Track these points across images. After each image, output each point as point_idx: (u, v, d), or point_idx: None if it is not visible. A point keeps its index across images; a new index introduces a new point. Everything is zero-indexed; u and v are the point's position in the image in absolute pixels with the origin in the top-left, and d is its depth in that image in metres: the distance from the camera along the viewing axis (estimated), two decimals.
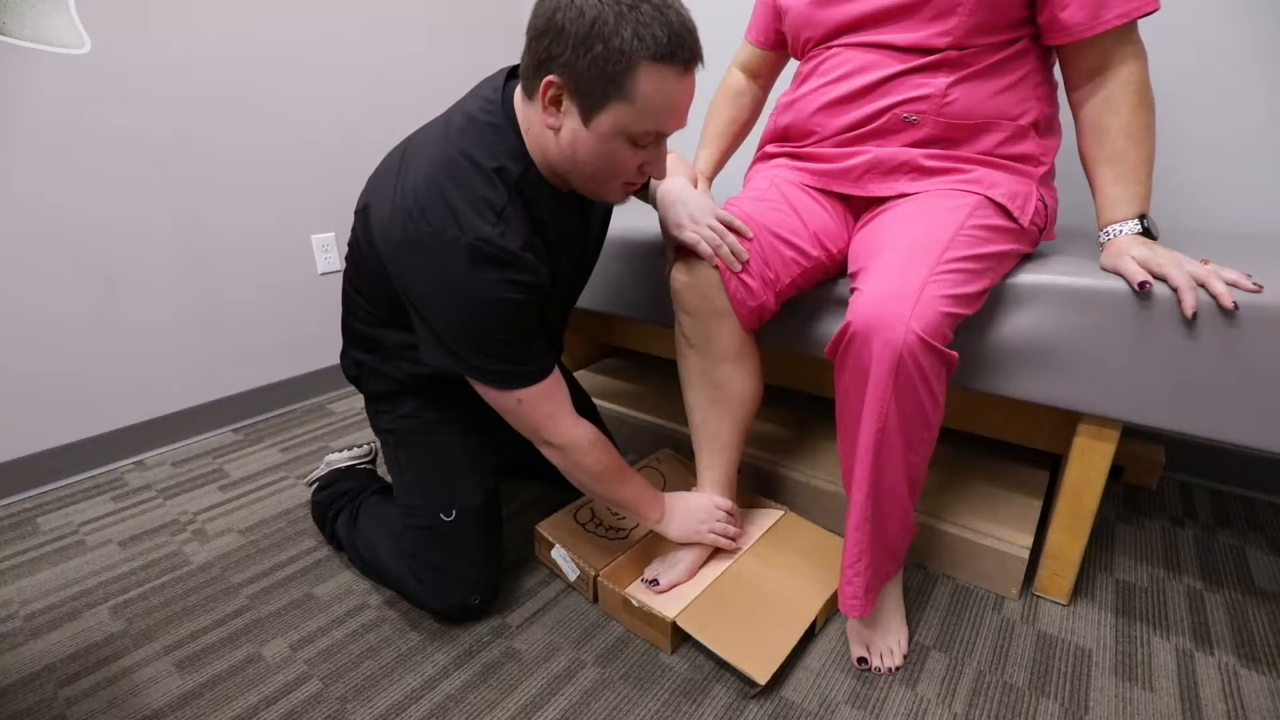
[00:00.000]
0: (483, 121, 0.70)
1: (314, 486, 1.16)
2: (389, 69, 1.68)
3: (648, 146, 0.68)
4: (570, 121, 0.65)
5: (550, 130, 0.67)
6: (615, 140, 0.66)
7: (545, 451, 0.82)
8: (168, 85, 1.31)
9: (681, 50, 0.62)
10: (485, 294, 0.68)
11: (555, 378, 0.78)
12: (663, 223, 0.85)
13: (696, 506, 0.92)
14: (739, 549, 0.92)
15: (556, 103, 0.65)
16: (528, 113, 0.69)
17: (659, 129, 0.66)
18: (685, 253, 0.83)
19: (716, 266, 0.81)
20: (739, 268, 0.80)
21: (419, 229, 0.67)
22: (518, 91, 0.70)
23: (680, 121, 0.67)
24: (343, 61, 1.58)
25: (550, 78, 0.62)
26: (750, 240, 0.81)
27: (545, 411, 0.78)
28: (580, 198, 0.78)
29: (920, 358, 0.65)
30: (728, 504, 0.94)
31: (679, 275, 0.84)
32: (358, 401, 1.70)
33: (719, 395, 0.89)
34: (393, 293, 0.77)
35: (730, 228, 0.81)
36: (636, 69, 0.60)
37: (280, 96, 1.49)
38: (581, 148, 0.67)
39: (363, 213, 0.79)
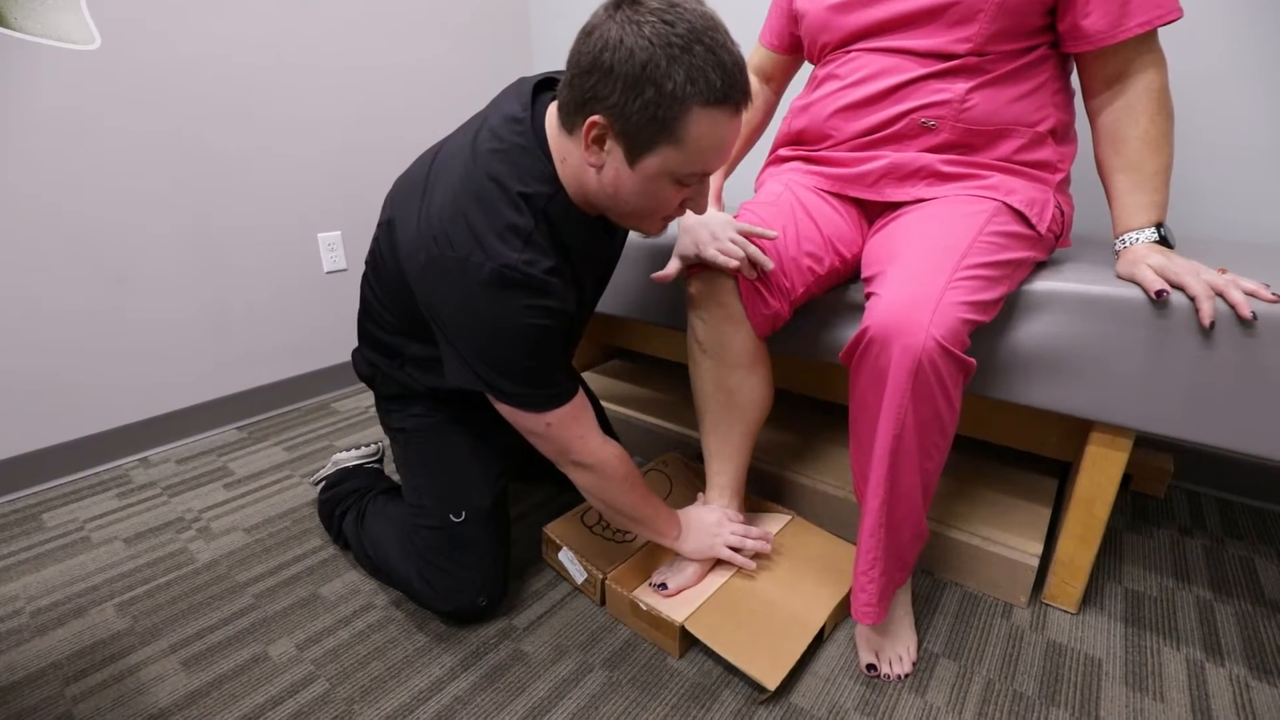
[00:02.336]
0: (511, 142, 0.68)
1: (320, 485, 1.15)
2: (395, 70, 1.68)
3: (691, 184, 0.66)
4: (613, 161, 0.63)
5: (592, 168, 0.65)
6: (660, 181, 0.64)
7: (573, 472, 0.81)
8: (176, 83, 1.31)
9: (734, 92, 0.59)
10: (511, 320, 0.67)
11: (581, 398, 0.77)
12: (681, 241, 0.85)
13: (710, 520, 0.92)
14: (749, 566, 0.91)
15: (600, 142, 0.62)
16: (565, 144, 0.67)
17: (705, 170, 0.65)
18: (701, 264, 0.83)
19: (736, 277, 0.81)
20: (755, 275, 0.80)
21: (444, 254, 0.66)
22: (553, 120, 0.68)
23: (726, 159, 0.66)
24: (350, 63, 1.58)
25: (595, 118, 0.60)
26: (774, 240, 0.81)
27: (575, 433, 0.77)
28: (606, 221, 0.77)
29: (939, 364, 0.65)
30: (740, 526, 0.93)
31: (696, 283, 0.84)
32: (362, 400, 1.69)
33: (731, 401, 0.88)
34: (415, 307, 0.76)
35: (751, 235, 0.80)
36: (688, 114, 0.58)
37: (288, 95, 1.49)
38: (624, 187, 0.65)
39: (387, 226, 0.78)
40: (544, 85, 0.72)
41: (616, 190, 0.65)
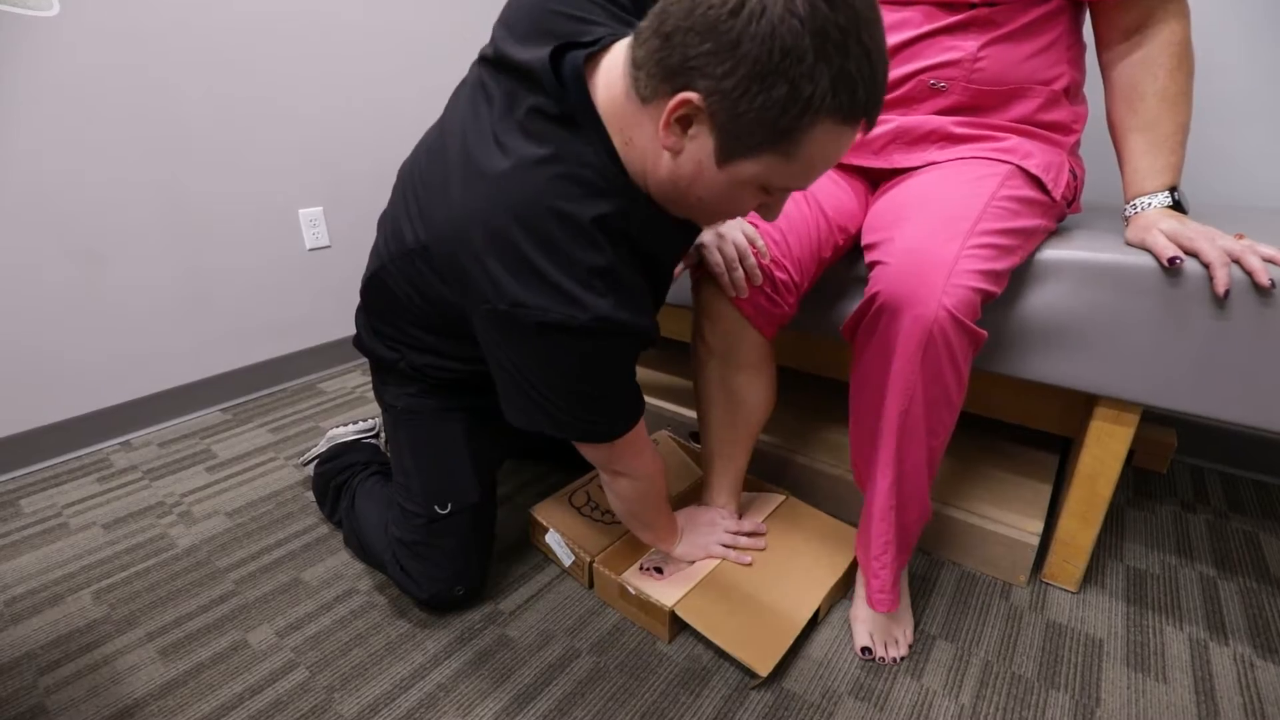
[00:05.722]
0: (563, 148, 0.54)
1: (314, 462, 1.12)
2: (375, 36, 1.61)
3: (777, 194, 0.55)
4: (696, 151, 0.50)
5: (666, 152, 0.51)
6: (748, 187, 0.52)
7: (615, 481, 0.76)
8: (141, 52, 1.25)
9: (874, 110, 0.48)
10: (599, 364, 0.59)
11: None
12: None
13: (703, 522, 0.91)
14: (744, 561, 0.88)
15: (685, 124, 0.49)
16: (633, 116, 0.52)
17: (803, 186, 0.54)
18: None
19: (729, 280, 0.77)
20: (746, 294, 0.77)
21: (514, 313, 0.55)
22: (614, 82, 0.53)
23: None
24: (326, 28, 1.51)
25: (690, 96, 0.46)
26: (767, 262, 0.77)
27: (634, 449, 0.71)
28: None
29: (951, 335, 0.62)
30: (734, 523, 0.92)
31: (705, 286, 0.81)
32: (349, 380, 1.66)
33: (735, 402, 0.86)
34: (469, 326, 0.66)
35: (753, 244, 0.76)
36: (815, 126, 0.46)
37: (263, 66, 1.42)
38: (702, 185, 0.52)
39: (423, 254, 0.65)
40: (564, 46, 0.55)
41: (691, 185, 0.53)
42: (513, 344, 0.59)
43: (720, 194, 0.53)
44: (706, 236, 0.76)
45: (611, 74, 0.53)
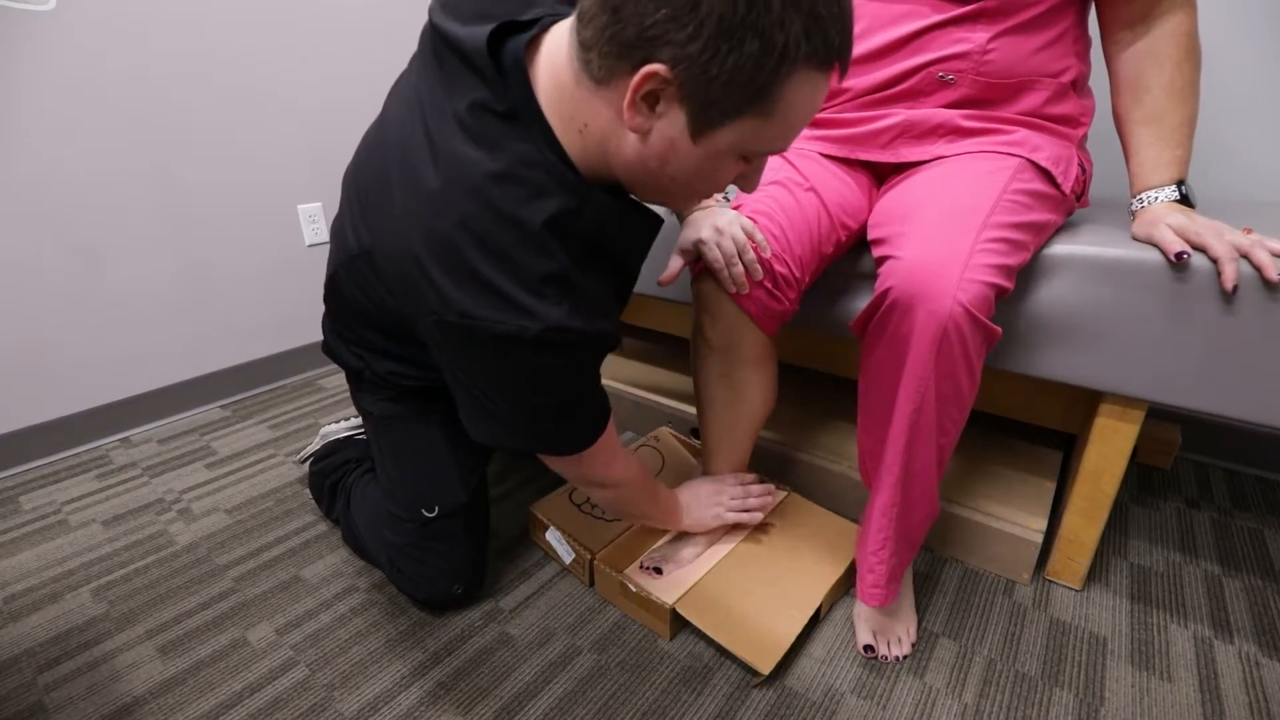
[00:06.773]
0: (504, 147, 0.50)
1: (309, 460, 1.12)
2: (375, 30, 1.60)
3: (754, 160, 0.52)
4: (667, 129, 0.46)
5: (631, 134, 0.48)
6: (726, 157, 0.49)
7: (594, 491, 0.75)
8: (139, 47, 1.24)
9: (846, 52, 0.45)
10: (557, 375, 0.57)
11: (611, 418, 0.69)
12: (684, 235, 0.78)
13: (706, 491, 0.90)
14: (756, 520, 0.88)
15: (651, 100, 0.45)
16: (587, 103, 0.48)
17: (783, 147, 0.50)
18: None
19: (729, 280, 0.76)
20: (746, 290, 0.76)
21: (464, 325, 0.52)
22: (558, 70, 0.49)
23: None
24: (326, 21, 1.50)
25: (655, 68, 0.42)
26: (767, 257, 0.75)
27: (603, 460, 0.70)
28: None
29: (965, 332, 0.61)
30: (738, 485, 0.91)
31: (705, 282, 0.80)
32: None
33: (736, 398, 0.85)
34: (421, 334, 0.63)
35: (754, 240, 0.74)
36: (792, 77, 0.43)
37: (262, 60, 1.41)
38: (676, 163, 0.49)
39: (366, 259, 0.63)
40: (507, 29, 0.52)
41: (663, 165, 0.49)
42: (464, 356, 0.57)
43: (696, 170, 0.49)
44: (705, 233, 0.75)
45: (555, 59, 0.49)
